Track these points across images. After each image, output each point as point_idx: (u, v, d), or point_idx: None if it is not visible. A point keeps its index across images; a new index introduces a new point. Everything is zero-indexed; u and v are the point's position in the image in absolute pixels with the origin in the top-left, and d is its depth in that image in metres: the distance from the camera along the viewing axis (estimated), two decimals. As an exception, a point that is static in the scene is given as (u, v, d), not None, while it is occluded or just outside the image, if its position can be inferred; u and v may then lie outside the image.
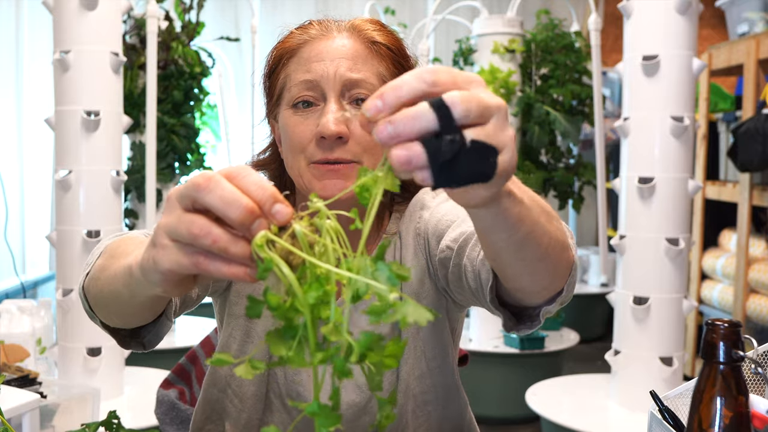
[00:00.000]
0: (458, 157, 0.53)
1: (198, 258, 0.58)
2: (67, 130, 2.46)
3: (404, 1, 5.62)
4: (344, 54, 0.98)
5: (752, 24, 3.53)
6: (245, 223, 0.56)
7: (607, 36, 5.31)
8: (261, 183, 0.57)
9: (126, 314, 0.81)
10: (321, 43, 1.00)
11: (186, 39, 3.51)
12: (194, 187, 0.57)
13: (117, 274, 0.74)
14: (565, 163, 3.75)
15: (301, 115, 0.98)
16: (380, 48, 1.01)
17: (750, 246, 3.31)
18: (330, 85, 0.97)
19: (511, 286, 0.80)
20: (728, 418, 0.70)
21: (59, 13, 2.45)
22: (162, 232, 0.60)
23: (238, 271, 0.57)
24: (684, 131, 2.47)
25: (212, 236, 0.57)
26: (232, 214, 0.56)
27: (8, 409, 1.61)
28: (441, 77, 0.54)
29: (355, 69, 0.97)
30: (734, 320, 0.71)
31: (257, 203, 0.57)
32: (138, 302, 0.74)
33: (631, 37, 2.56)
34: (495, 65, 3.47)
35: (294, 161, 0.99)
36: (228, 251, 0.57)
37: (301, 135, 0.97)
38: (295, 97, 0.98)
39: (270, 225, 0.57)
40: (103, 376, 2.52)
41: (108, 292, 0.78)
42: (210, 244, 0.57)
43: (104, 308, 0.82)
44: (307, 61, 0.98)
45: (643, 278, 2.52)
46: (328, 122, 0.94)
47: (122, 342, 0.90)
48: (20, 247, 3.99)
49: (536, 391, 2.91)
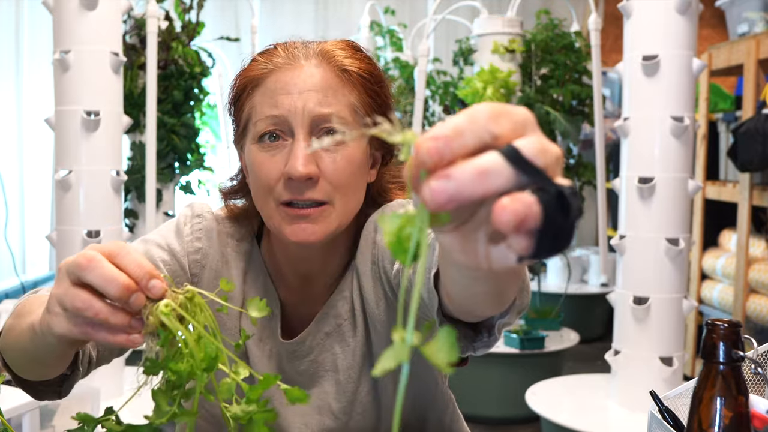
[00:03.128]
0: (573, 207, 0.40)
1: (86, 328, 0.66)
2: (67, 130, 2.46)
3: (404, 1, 5.62)
4: (313, 86, 0.90)
5: (752, 24, 3.53)
6: (122, 297, 0.63)
7: (607, 36, 5.31)
8: (138, 261, 0.64)
9: (36, 368, 0.83)
10: (288, 73, 0.91)
11: (186, 39, 3.51)
12: (77, 266, 0.64)
13: (22, 332, 0.78)
14: (565, 163, 3.75)
15: (267, 152, 0.91)
16: (351, 76, 0.93)
17: (750, 246, 3.31)
18: (298, 121, 0.90)
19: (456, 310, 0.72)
20: (728, 418, 0.70)
21: (59, 13, 2.45)
22: (54, 301, 0.67)
23: (121, 338, 0.65)
24: (684, 131, 2.47)
25: (94, 309, 0.64)
26: (111, 290, 0.63)
27: (8, 409, 1.61)
28: (502, 124, 0.41)
29: (325, 102, 0.90)
30: (734, 320, 0.71)
31: (134, 280, 0.64)
32: (44, 357, 0.77)
33: (631, 37, 2.56)
34: (495, 65, 3.47)
35: (263, 202, 0.93)
36: (109, 322, 0.64)
37: (268, 174, 0.91)
38: (260, 132, 0.92)
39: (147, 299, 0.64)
40: (103, 376, 2.52)
41: (17, 349, 0.81)
42: (93, 316, 0.64)
43: (17, 364, 0.85)
44: (274, 93, 0.91)
45: (643, 278, 2.52)
46: (297, 163, 0.88)
47: (36, 394, 0.90)
48: (20, 247, 3.99)
49: (536, 391, 2.91)
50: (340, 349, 1.01)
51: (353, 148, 0.92)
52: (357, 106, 0.94)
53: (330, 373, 1.02)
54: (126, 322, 0.65)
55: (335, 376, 1.02)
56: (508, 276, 0.59)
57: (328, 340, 1.01)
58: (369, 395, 1.02)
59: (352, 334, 1.01)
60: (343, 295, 1.01)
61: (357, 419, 1.03)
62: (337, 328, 1.01)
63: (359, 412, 1.02)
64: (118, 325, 0.65)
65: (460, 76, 3.89)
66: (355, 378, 1.02)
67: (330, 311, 1.01)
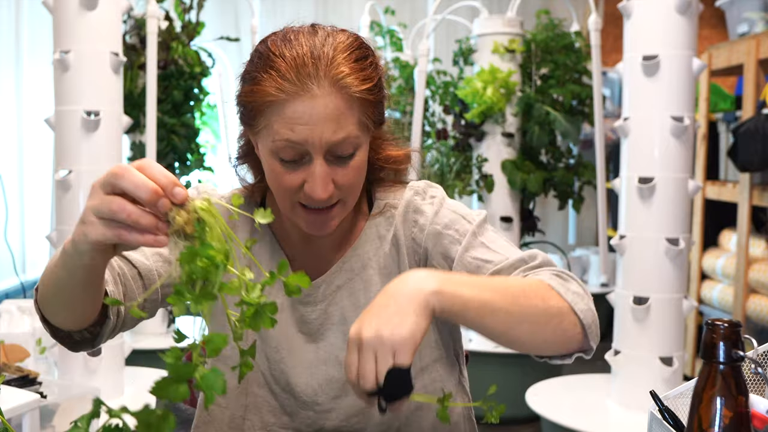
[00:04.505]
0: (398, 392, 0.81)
1: (118, 230, 0.76)
2: (67, 130, 2.46)
3: (404, 1, 5.61)
4: (326, 116, 0.95)
5: (752, 24, 3.53)
6: (152, 201, 0.74)
7: (607, 36, 5.31)
8: (164, 171, 0.76)
9: (70, 306, 0.91)
10: (302, 103, 0.94)
11: (186, 39, 3.51)
12: (112, 175, 0.76)
13: (54, 263, 0.88)
14: (565, 163, 3.75)
15: (286, 167, 0.98)
16: (361, 98, 0.98)
17: (750, 246, 3.31)
18: (316, 148, 0.96)
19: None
20: (728, 418, 0.70)
21: (59, 13, 2.45)
22: (89, 212, 0.77)
23: (149, 238, 0.75)
24: (684, 131, 2.47)
25: (127, 211, 0.75)
26: (142, 194, 0.74)
27: (8, 409, 1.61)
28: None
29: (339, 129, 0.95)
30: (734, 320, 0.71)
31: (161, 187, 0.75)
32: (76, 282, 0.87)
33: (631, 37, 2.56)
34: (495, 65, 3.47)
35: (281, 199, 1.02)
36: (139, 223, 0.75)
37: (287, 185, 0.98)
38: (279, 150, 0.97)
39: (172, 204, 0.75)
40: (103, 376, 2.52)
41: (51, 286, 0.91)
42: (125, 218, 0.75)
43: (53, 309, 0.94)
44: (290, 120, 0.95)
45: (643, 278, 2.52)
46: (318, 189, 0.96)
47: (73, 345, 1.00)
48: (20, 247, 3.99)
49: (536, 391, 2.91)
50: (349, 303, 1.07)
51: (360, 154, 1.00)
52: (362, 118, 0.99)
53: (337, 326, 1.08)
54: (154, 223, 0.75)
55: (342, 328, 1.07)
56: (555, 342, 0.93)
57: (339, 293, 1.08)
58: None
59: (363, 291, 1.07)
60: (357, 252, 1.09)
61: None
62: (348, 282, 1.08)
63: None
64: (147, 226, 0.75)
65: (460, 76, 3.88)
66: None
67: (343, 266, 1.09)
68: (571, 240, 5.93)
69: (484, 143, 3.60)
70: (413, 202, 1.09)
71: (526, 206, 3.70)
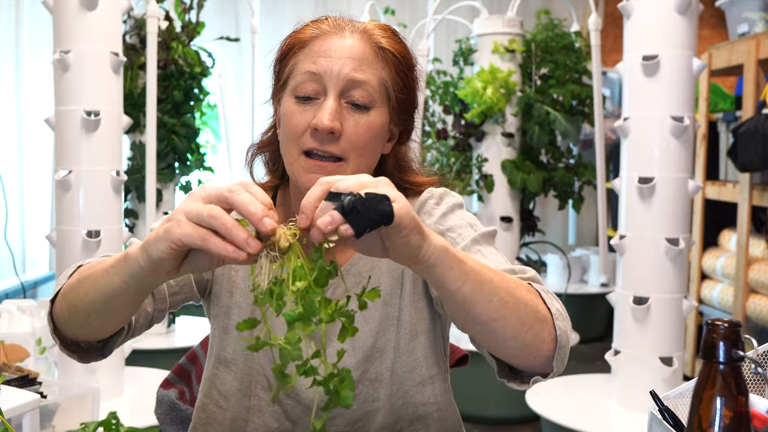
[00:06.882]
0: (362, 205, 0.71)
1: (204, 233, 0.74)
2: (67, 130, 2.46)
3: (404, 1, 5.62)
4: (351, 54, 1.02)
5: (752, 24, 3.53)
6: (262, 215, 0.74)
7: (607, 36, 5.31)
8: (263, 193, 0.76)
9: (103, 316, 0.89)
10: (331, 39, 1.03)
11: (186, 39, 3.51)
12: (227, 190, 0.76)
13: (105, 270, 0.85)
14: (565, 163, 3.75)
15: (300, 105, 1.03)
16: (386, 54, 1.05)
17: (750, 246, 3.31)
18: (333, 82, 1.01)
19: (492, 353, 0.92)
20: (728, 418, 0.70)
21: (59, 13, 2.45)
22: (180, 212, 0.76)
23: (230, 249, 0.74)
24: (684, 131, 2.47)
25: (223, 219, 0.74)
26: (253, 208, 0.74)
27: (8, 409, 1.61)
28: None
29: (359, 70, 1.01)
30: (734, 320, 0.71)
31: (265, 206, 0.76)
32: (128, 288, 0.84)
33: (631, 37, 2.56)
34: (495, 65, 3.47)
35: (288, 148, 1.04)
36: (231, 233, 0.73)
37: (297, 124, 1.02)
38: (298, 85, 1.03)
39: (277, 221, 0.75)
40: (103, 376, 2.52)
41: (86, 301, 0.88)
42: (219, 225, 0.74)
43: (78, 320, 0.91)
44: (316, 55, 1.02)
45: (643, 278, 2.52)
46: (324, 116, 0.99)
47: (81, 357, 0.99)
48: (20, 247, 3.99)
49: (536, 391, 2.91)
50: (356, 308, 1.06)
51: (375, 116, 1.03)
52: (387, 81, 1.04)
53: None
54: (245, 237, 0.74)
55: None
56: (528, 335, 0.87)
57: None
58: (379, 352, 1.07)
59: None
60: (364, 256, 1.07)
61: (371, 372, 1.07)
62: (356, 286, 1.08)
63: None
64: (238, 237, 0.74)
65: (460, 76, 3.88)
66: (372, 331, 1.07)
67: (350, 269, 1.09)
68: (571, 240, 5.94)
69: (484, 143, 3.60)
70: (426, 204, 1.10)
71: (526, 206, 3.70)
